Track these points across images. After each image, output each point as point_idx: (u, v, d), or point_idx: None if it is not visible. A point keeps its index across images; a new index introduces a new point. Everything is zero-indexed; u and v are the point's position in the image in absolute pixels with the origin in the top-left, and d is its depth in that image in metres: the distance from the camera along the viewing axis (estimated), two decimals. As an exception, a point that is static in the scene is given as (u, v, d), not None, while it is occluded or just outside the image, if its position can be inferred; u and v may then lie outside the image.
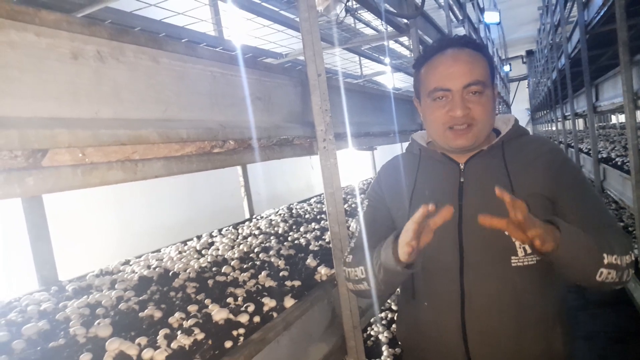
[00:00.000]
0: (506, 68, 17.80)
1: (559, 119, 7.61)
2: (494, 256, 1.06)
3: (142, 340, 1.23)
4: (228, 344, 1.18)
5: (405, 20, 2.94)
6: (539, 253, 0.94)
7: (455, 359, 1.10)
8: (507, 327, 1.06)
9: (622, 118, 9.66)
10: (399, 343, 1.67)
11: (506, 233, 0.99)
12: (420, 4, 2.99)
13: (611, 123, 12.59)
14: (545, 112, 12.65)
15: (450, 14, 5.09)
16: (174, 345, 1.17)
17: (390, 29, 2.95)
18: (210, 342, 1.17)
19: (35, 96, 0.74)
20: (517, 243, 1.04)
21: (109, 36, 0.86)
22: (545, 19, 8.52)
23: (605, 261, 0.95)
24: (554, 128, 9.52)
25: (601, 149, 5.13)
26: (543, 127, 14.52)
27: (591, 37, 4.05)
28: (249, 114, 1.28)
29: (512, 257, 1.06)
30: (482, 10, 9.14)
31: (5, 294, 2.02)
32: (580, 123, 9.70)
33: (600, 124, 13.00)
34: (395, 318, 1.46)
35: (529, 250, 1.04)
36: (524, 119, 22.38)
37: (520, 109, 21.85)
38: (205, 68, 1.13)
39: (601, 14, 3.42)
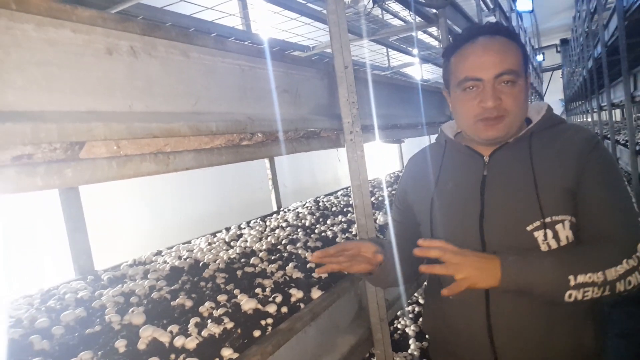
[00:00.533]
0: (539, 57, 17.26)
1: (595, 110, 7.34)
2: (517, 252, 1.02)
3: (174, 328, 1.27)
4: (256, 333, 1.20)
5: (434, 10, 2.89)
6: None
7: (481, 353, 1.08)
8: (535, 322, 1.04)
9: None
10: (426, 335, 1.67)
11: (528, 229, 1.00)
12: (449, -7, 2.93)
13: (651, 113, 12.06)
14: (580, 102, 12.23)
15: (481, 2, 4.97)
16: (204, 333, 1.20)
17: (418, 19, 2.91)
18: (239, 331, 1.19)
19: (73, 91, 0.77)
20: (540, 238, 1.00)
21: (141, 31, 0.88)
22: (580, 5, 8.21)
23: (572, 283, 0.92)
24: (589, 119, 9.20)
25: (639, 141, 4.93)
26: (578, 118, 14.06)
27: (630, 23, 3.87)
28: (277, 106, 1.29)
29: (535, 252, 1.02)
30: (514, -1, 8.88)
31: (44, 283, 2.11)
32: (617, 114, 9.33)
33: (639, 114, 12.48)
34: (422, 312, 1.46)
35: (553, 245, 1.01)
36: (557, 110, 21.58)
37: (554, 99, 21.20)
38: (234, 62, 1.14)
39: (641, -1, 3.27)
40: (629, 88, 4.00)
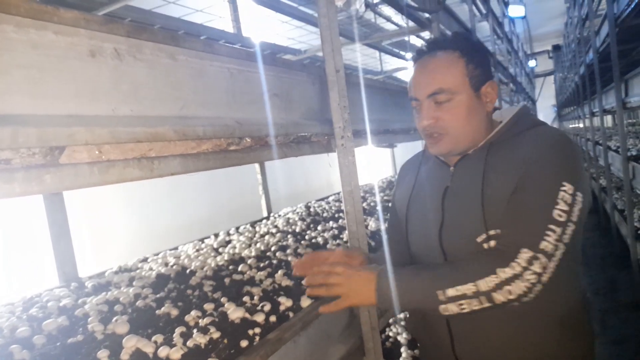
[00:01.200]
0: (531, 63, 17.40)
1: (587, 116, 7.41)
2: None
3: (159, 338, 1.23)
4: (244, 343, 1.17)
5: (427, 15, 2.89)
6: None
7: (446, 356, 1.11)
8: (493, 330, 1.03)
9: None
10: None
11: (478, 240, 1.00)
12: (442, -2, 2.94)
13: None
14: (572, 108, 12.35)
15: (474, 7, 4.99)
16: (189, 343, 1.17)
17: (411, 23, 2.90)
18: (226, 341, 1.16)
19: (55, 95, 0.74)
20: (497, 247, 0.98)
21: (126, 34, 0.85)
22: (572, 12, 8.30)
23: (442, 297, 0.94)
24: (581, 125, 9.28)
25: (630, 147, 4.97)
26: (570, 124, 14.19)
27: (621, 30, 3.90)
28: (267, 111, 1.26)
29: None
30: (506, 4, 8.95)
31: (27, 290, 2.06)
32: (609, 120, 9.41)
33: (630, 120, 12.61)
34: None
35: None
36: (550, 116, 21.87)
37: (546, 105, 21.39)
38: (223, 65, 1.12)
39: (632, 6, 3.30)
40: (620, 94, 4.03)
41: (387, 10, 3.71)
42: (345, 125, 1.53)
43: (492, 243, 0.98)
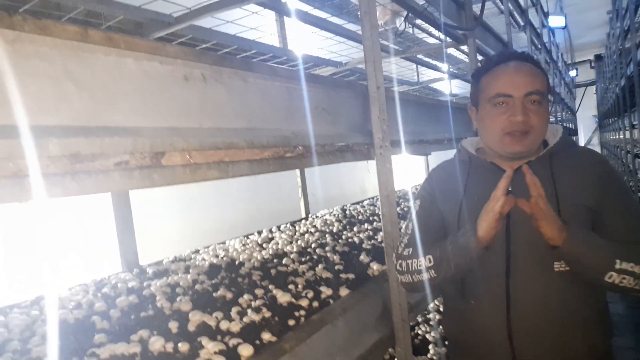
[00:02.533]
0: (572, 73, 17.00)
1: (627, 128, 7.27)
2: (538, 262, 1.14)
3: (219, 314, 1.44)
4: (291, 322, 1.36)
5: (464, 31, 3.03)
6: (550, 246, 1.06)
7: (501, 356, 1.17)
8: (552, 328, 1.13)
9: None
10: (446, 337, 1.77)
11: None
12: (478, 14, 3.07)
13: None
14: (613, 119, 12.03)
15: (511, 19, 5.06)
16: (245, 319, 1.37)
17: (448, 39, 3.05)
18: (276, 319, 1.36)
19: (160, 112, 0.96)
20: None
21: (212, 62, 1.06)
22: (615, 23, 8.15)
23: (617, 266, 1.04)
24: (622, 136, 9.07)
25: (670, 161, 4.90)
26: (611, 136, 13.80)
27: (661, 45, 3.91)
28: (317, 124, 1.46)
29: (555, 263, 1.12)
30: (546, 15, 8.88)
31: (94, 274, 2.33)
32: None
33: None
34: (442, 316, 1.57)
35: None
36: (590, 127, 21.24)
37: (587, 115, 20.73)
38: (282, 85, 1.32)
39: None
40: (658, 109, 4.02)
41: (425, 24, 3.85)
42: (384, 136, 1.71)
43: None
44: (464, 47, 5.13)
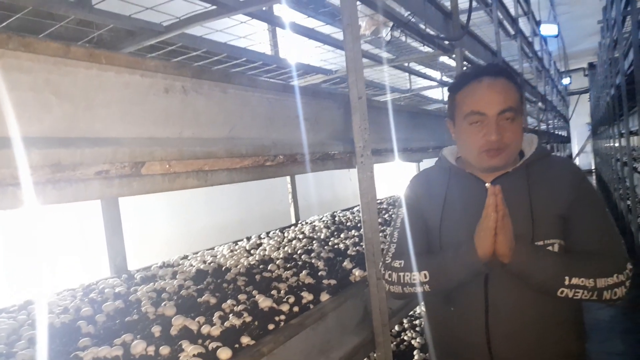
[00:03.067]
0: (565, 81, 17.17)
1: (617, 136, 7.37)
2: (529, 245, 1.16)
3: (201, 319, 1.48)
4: (271, 326, 1.40)
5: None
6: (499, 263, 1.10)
7: (480, 358, 1.21)
8: (528, 332, 1.17)
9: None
10: (426, 340, 1.81)
11: None
12: (465, 23, 3.13)
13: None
14: (605, 127, 12.17)
15: (500, 29, 5.13)
16: (226, 324, 1.41)
17: (435, 48, 3.11)
18: (256, 323, 1.40)
19: (140, 122, 1.00)
20: None
21: (192, 75, 1.11)
22: (605, 33, 8.28)
23: (567, 282, 1.09)
24: (614, 144, 9.20)
25: (657, 169, 4.98)
26: (603, 143, 13.95)
27: (646, 56, 3.99)
28: (298, 133, 1.50)
29: None
30: (538, 23, 8.99)
31: (83, 279, 2.35)
32: (635, 141, 9.28)
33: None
34: (424, 322, 1.60)
35: None
36: (584, 134, 21.42)
37: (580, 123, 20.93)
38: (263, 95, 1.37)
39: (653, 34, 3.41)
40: (643, 118, 4.09)
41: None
42: (365, 144, 1.75)
43: None
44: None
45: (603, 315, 4.40)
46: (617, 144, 7.60)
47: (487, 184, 1.14)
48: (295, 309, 1.55)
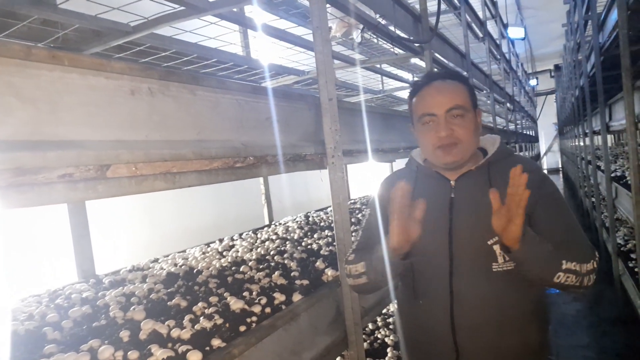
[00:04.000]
0: (532, 82, 17.67)
1: (581, 136, 7.64)
2: (479, 263, 1.24)
3: (171, 322, 1.46)
4: (242, 328, 1.40)
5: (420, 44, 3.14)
6: (505, 249, 1.13)
7: (446, 350, 1.27)
8: (491, 323, 1.23)
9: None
10: (397, 334, 1.84)
11: (489, 243, 1.20)
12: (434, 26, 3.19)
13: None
14: (570, 128, 12.59)
15: (469, 32, 5.25)
16: (197, 327, 1.40)
17: (405, 50, 3.16)
18: (227, 325, 1.39)
19: (105, 125, 0.98)
20: (498, 251, 1.22)
21: (158, 77, 1.10)
22: (569, 36, 8.56)
23: (564, 266, 1.13)
24: (580, 143, 9.53)
25: (618, 167, 5.18)
26: (569, 143, 14.43)
27: (606, 59, 4.16)
28: (268, 134, 1.51)
29: (494, 263, 1.23)
30: (505, 26, 9.23)
31: (49, 284, 2.29)
32: (599, 140, 9.67)
33: (622, 142, 12.76)
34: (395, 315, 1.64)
35: (507, 257, 1.21)
36: (551, 134, 22.10)
37: (547, 123, 21.58)
38: (233, 97, 1.37)
39: (612, 37, 3.55)
40: (604, 118, 4.26)
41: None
42: (336, 146, 1.77)
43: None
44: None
45: (569, 309, 4.56)
46: (581, 143, 7.87)
47: (452, 181, 1.19)
48: (267, 310, 1.56)
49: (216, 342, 1.29)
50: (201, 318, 1.47)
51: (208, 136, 1.25)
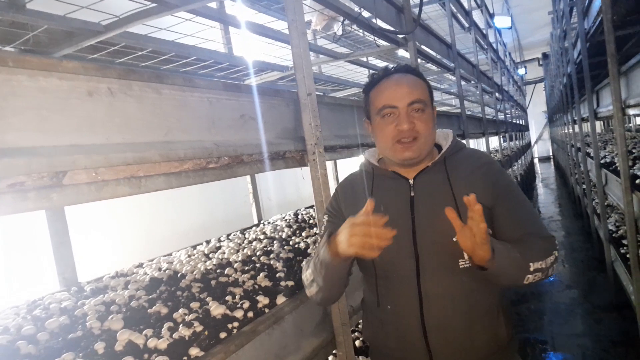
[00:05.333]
0: (521, 71, 17.70)
1: (570, 123, 7.64)
2: (445, 260, 1.21)
3: (149, 331, 1.41)
4: (223, 335, 1.34)
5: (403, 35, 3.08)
6: (473, 264, 1.11)
7: (418, 354, 1.24)
8: (461, 321, 1.21)
9: (639, 120, 9.59)
10: (366, 343, 1.80)
11: (454, 239, 1.14)
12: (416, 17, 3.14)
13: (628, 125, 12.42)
14: (559, 115, 12.62)
15: (454, 22, 5.20)
16: (175, 335, 1.34)
17: (388, 43, 3.10)
18: (206, 332, 1.34)
19: (60, 129, 0.92)
20: None
21: (118, 76, 1.04)
22: (556, 24, 8.55)
23: (532, 268, 1.14)
24: (569, 130, 9.54)
25: (607, 154, 5.17)
26: (559, 130, 14.48)
27: (592, 45, 4.13)
28: (243, 133, 1.45)
29: (460, 260, 1.20)
30: (492, 16, 9.21)
31: (29, 294, 2.23)
32: (588, 127, 9.71)
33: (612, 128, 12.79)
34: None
35: None
36: (541, 122, 22.19)
37: (537, 112, 21.67)
38: (203, 95, 1.31)
39: (597, 23, 3.52)
40: (592, 105, 4.24)
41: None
42: (317, 142, 1.72)
43: None
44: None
45: (562, 297, 4.56)
46: (571, 131, 7.87)
47: (410, 180, 1.20)
48: (250, 314, 1.51)
49: (194, 352, 1.24)
50: (180, 326, 1.42)
51: (176, 137, 1.19)
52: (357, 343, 2.52)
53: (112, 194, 1.00)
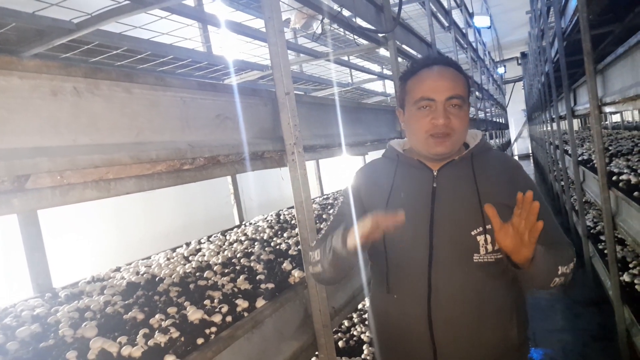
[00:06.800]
0: (500, 70, 17.94)
1: (548, 121, 7.76)
2: (460, 253, 1.19)
3: (123, 339, 1.36)
4: (200, 340, 1.31)
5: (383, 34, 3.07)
6: (513, 264, 1.10)
7: (422, 346, 1.22)
8: (469, 317, 1.19)
9: (615, 118, 9.80)
10: (370, 332, 1.79)
11: (472, 234, 1.16)
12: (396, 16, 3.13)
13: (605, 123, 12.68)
14: (538, 113, 12.81)
15: (434, 21, 5.22)
16: (150, 343, 1.30)
17: (368, 41, 3.09)
18: (183, 339, 1.30)
19: (21, 131, 0.88)
20: (481, 242, 1.18)
21: (84, 74, 0.99)
22: (534, 23, 8.67)
23: (560, 272, 1.14)
24: (548, 128, 9.70)
25: (584, 151, 5.26)
26: (537, 128, 14.71)
27: (569, 43, 4.19)
28: (219, 133, 1.41)
29: (475, 255, 1.18)
30: (471, 15, 9.29)
31: (1, 301, 2.15)
32: (576, 123, 9.88)
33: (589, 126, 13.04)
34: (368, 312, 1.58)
35: (490, 249, 1.18)
36: (520, 120, 22.53)
37: (516, 110, 21.98)
38: (176, 95, 1.27)
39: (573, 22, 3.56)
40: (569, 103, 4.30)
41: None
42: (297, 142, 1.69)
43: (488, 237, 1.17)
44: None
45: (542, 293, 4.61)
46: (549, 129, 8.00)
47: (434, 171, 1.19)
48: (229, 319, 1.47)
49: (169, 359, 1.20)
50: (156, 332, 1.38)
51: (148, 138, 1.15)
52: (340, 344, 2.50)
53: (79, 198, 0.96)
